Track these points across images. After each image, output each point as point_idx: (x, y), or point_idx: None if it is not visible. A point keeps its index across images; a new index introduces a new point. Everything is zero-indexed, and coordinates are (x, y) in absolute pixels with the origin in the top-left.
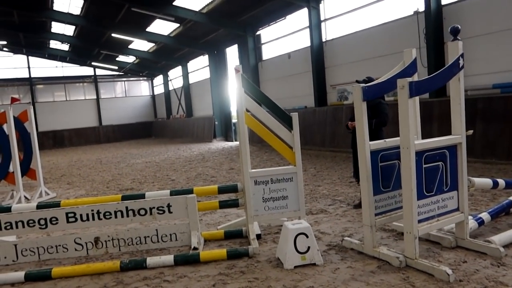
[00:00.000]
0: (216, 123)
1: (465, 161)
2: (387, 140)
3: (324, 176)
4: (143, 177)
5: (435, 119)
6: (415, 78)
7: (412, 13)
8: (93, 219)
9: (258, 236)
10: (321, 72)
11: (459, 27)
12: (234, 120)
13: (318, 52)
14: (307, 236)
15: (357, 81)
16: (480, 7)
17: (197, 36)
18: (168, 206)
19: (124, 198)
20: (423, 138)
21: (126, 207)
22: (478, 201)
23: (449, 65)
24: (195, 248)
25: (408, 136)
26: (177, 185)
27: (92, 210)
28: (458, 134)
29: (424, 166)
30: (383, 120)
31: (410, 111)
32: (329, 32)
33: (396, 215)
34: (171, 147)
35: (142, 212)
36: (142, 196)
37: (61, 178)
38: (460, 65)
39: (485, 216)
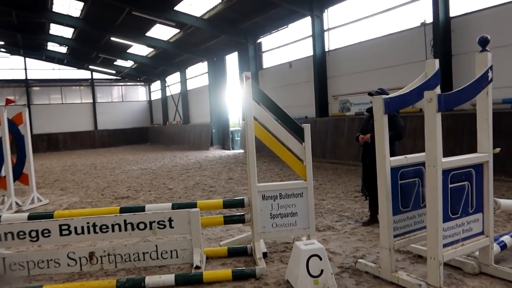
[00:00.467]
0: (214, 130)
1: (491, 181)
2: (408, 156)
3: (327, 190)
4: (139, 185)
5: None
6: (438, 90)
7: (419, 24)
8: (89, 232)
9: (264, 255)
10: (323, 82)
11: (488, 37)
12: (231, 128)
13: (320, 62)
14: (320, 259)
15: (370, 94)
16: (490, 20)
17: (197, 42)
18: (170, 220)
19: (123, 210)
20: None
21: (125, 220)
22: (494, 222)
23: (478, 78)
24: (197, 267)
25: (435, 154)
26: (174, 194)
27: (88, 223)
28: (485, 152)
29: (450, 185)
30: (399, 134)
31: (437, 126)
32: (332, 41)
33: (415, 237)
34: (167, 154)
35: (142, 226)
36: (142, 209)
37: (54, 184)
38: (489, 78)
39: (507, 239)
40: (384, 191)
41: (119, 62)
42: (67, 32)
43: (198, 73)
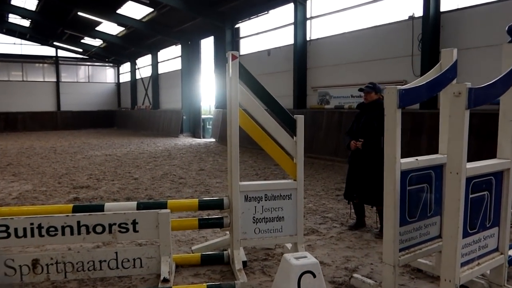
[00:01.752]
0: (184, 117)
1: (511, 191)
2: (419, 158)
3: (306, 186)
4: (102, 173)
5: (424, 132)
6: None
7: (407, 18)
8: (32, 235)
9: (244, 264)
10: (303, 73)
11: None
12: (203, 116)
13: (301, 51)
14: (314, 276)
15: (361, 89)
16: (482, 17)
17: (171, 24)
18: (134, 223)
19: (76, 209)
20: (413, 152)
21: (78, 222)
22: None
23: (508, 72)
24: (165, 280)
25: (460, 158)
26: (140, 185)
27: (32, 224)
28: (507, 158)
29: (470, 196)
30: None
31: (465, 126)
32: (315, 31)
33: (420, 251)
34: (134, 139)
35: (99, 229)
36: (101, 208)
37: (6, 168)
38: None
39: None
40: (392, 198)
41: (87, 40)
42: (30, 3)
43: (170, 57)
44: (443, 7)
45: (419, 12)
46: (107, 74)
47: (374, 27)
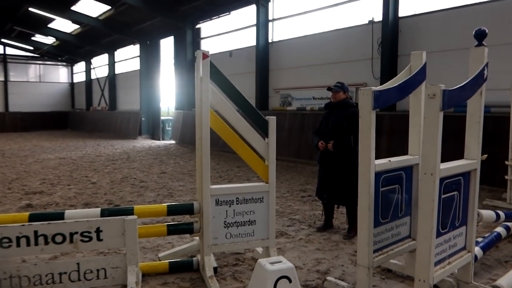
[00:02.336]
0: (143, 119)
1: (477, 191)
2: (392, 159)
3: None
4: (56, 178)
5: (384, 133)
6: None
7: (367, 22)
8: None
9: (214, 270)
10: (265, 74)
11: (486, 30)
12: (163, 117)
13: (263, 53)
14: (290, 281)
15: (329, 88)
16: (437, 23)
17: (130, 23)
18: (98, 231)
19: (34, 217)
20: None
21: (35, 232)
22: None
23: (476, 75)
24: None
25: (434, 159)
26: (99, 190)
27: None
28: (474, 159)
29: (442, 196)
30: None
31: (439, 128)
32: (277, 33)
33: (393, 252)
34: (90, 142)
35: (59, 238)
36: (60, 216)
37: None
38: (485, 76)
39: (478, 251)
40: (367, 200)
41: (38, 38)
42: None
43: (128, 56)
44: (402, 13)
45: (378, 16)
46: (60, 74)
47: (335, 30)
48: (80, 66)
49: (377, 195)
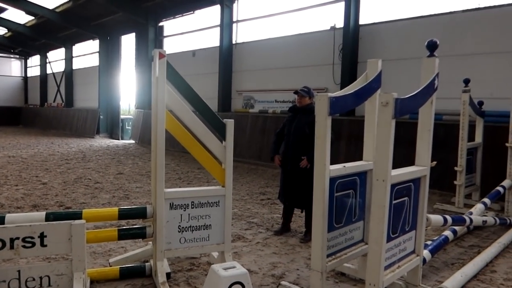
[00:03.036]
0: (101, 117)
1: (426, 196)
2: (346, 165)
3: None
4: (3, 177)
5: (344, 138)
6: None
7: (329, 28)
8: None
9: (168, 276)
10: (228, 76)
11: (437, 41)
12: (122, 116)
13: (226, 54)
14: (243, 286)
15: (296, 92)
16: (395, 32)
17: (89, 16)
18: (42, 236)
19: None
20: (333, 157)
21: None
22: None
23: (427, 85)
24: None
25: (386, 166)
26: (49, 191)
27: None
28: (424, 165)
29: (393, 202)
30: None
31: (391, 135)
32: (241, 34)
33: (346, 256)
34: (44, 139)
35: None
36: (1, 221)
37: None
38: (435, 86)
39: (426, 254)
40: (322, 205)
41: None
42: None
43: (87, 52)
44: (362, 20)
45: (340, 23)
46: (12, 67)
47: (298, 35)
48: (34, 60)
49: (331, 200)
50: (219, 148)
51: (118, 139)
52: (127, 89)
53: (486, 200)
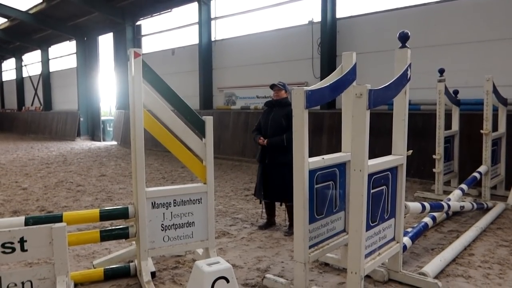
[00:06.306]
0: (81, 119)
1: (404, 184)
2: (325, 157)
3: (215, 188)
4: None
5: (325, 131)
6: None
7: (307, 22)
8: None
9: (153, 275)
10: (209, 73)
11: (409, 33)
12: (103, 118)
13: (206, 51)
14: (227, 281)
15: (273, 85)
16: (371, 25)
17: (65, 17)
18: (22, 241)
19: None
20: (315, 150)
21: None
22: None
23: (400, 75)
24: None
25: (362, 156)
26: (30, 196)
27: None
28: (400, 154)
29: (371, 191)
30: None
31: (366, 126)
32: (220, 31)
33: (328, 246)
34: (23, 144)
35: None
36: None
37: None
38: (408, 76)
39: (407, 241)
40: (302, 197)
41: None
42: None
43: (64, 53)
44: (339, 14)
45: (318, 17)
46: None
47: (277, 30)
48: (9, 63)
49: (311, 192)
50: (199, 145)
51: (100, 141)
52: (107, 90)
53: (463, 186)
